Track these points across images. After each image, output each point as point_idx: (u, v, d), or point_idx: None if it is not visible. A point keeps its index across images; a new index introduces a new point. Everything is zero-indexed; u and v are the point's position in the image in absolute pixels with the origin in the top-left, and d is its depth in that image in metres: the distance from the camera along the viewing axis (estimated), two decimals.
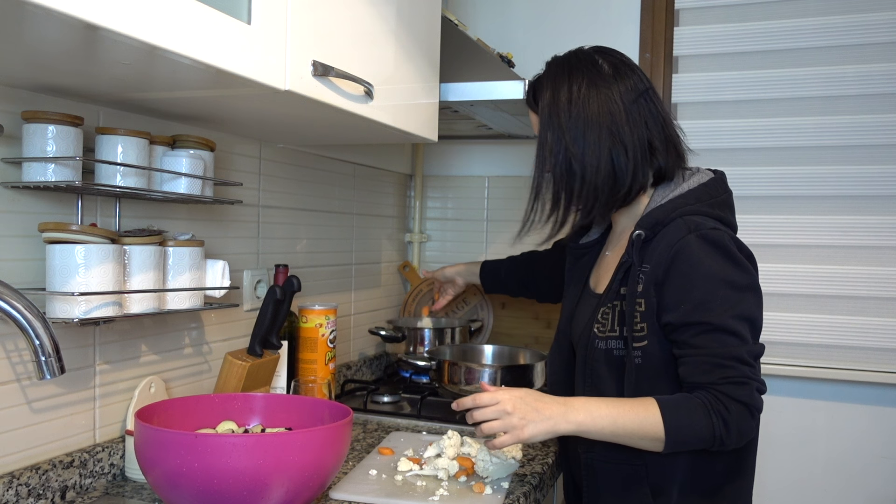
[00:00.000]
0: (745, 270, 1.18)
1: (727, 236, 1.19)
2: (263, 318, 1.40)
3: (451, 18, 1.78)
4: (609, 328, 1.24)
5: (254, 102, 1.18)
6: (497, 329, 2.30)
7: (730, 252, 1.17)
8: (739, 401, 1.12)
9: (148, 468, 1.00)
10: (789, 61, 2.05)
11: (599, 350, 1.25)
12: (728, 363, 1.13)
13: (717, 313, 1.14)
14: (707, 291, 1.15)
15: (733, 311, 1.14)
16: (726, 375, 1.13)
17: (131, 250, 1.17)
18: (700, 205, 1.23)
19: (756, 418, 1.15)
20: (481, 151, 2.40)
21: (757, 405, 1.14)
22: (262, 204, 1.67)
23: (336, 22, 1.18)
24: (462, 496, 1.18)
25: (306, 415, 1.20)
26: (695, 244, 1.17)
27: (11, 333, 1.06)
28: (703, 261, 1.16)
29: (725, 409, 1.12)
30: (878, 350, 1.98)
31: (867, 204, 2.00)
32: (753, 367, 1.15)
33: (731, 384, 1.13)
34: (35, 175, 1.07)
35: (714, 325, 1.14)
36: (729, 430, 1.12)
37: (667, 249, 1.18)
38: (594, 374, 1.26)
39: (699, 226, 1.19)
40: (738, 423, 1.12)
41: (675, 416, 1.13)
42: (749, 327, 1.16)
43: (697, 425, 1.12)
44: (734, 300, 1.15)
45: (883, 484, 1.99)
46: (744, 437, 1.15)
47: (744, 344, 1.14)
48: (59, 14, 0.71)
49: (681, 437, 1.13)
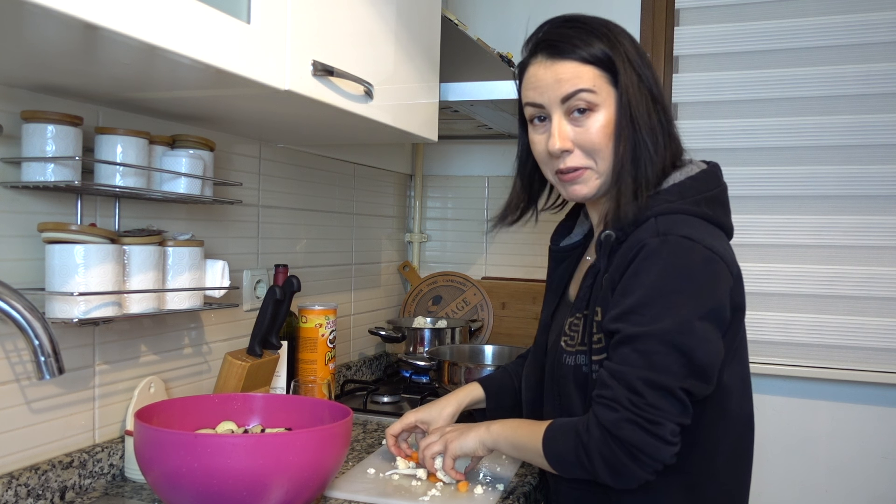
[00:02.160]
0: (705, 294, 0.99)
1: (700, 251, 1.00)
2: (263, 318, 1.39)
3: (451, 18, 1.78)
4: (578, 341, 1.09)
5: (254, 102, 1.18)
6: (497, 329, 2.30)
7: (690, 268, 0.99)
8: (602, 425, 0.97)
9: (147, 468, 1.00)
10: (789, 61, 2.05)
11: (567, 366, 1.10)
12: (610, 381, 0.98)
13: (635, 326, 0.97)
14: (639, 301, 0.98)
15: (658, 331, 0.96)
16: (600, 394, 0.99)
17: (131, 250, 1.17)
18: (683, 202, 1.05)
19: (637, 460, 0.96)
20: (481, 151, 2.40)
21: (627, 438, 0.95)
22: (262, 204, 1.67)
23: (336, 22, 1.18)
24: (458, 495, 1.18)
25: (306, 415, 1.20)
26: (654, 249, 1.00)
27: (11, 333, 1.06)
28: (651, 267, 0.99)
29: (586, 431, 0.99)
30: (878, 350, 1.98)
31: (867, 204, 2.00)
32: (642, 396, 0.96)
33: (599, 405, 0.98)
34: (34, 175, 1.06)
35: (624, 336, 0.98)
36: (590, 458, 0.98)
37: (627, 252, 1.03)
38: (562, 392, 1.11)
39: (669, 229, 1.01)
40: (601, 451, 0.97)
41: (553, 439, 1.03)
42: (678, 359, 0.96)
43: (565, 447, 1.01)
44: (665, 320, 0.96)
45: (884, 484, 1.99)
46: (618, 476, 0.98)
47: (647, 370, 0.96)
48: (58, 14, 0.71)
49: (557, 459, 1.03)
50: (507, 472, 1.29)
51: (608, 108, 1.08)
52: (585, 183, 1.11)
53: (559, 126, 1.09)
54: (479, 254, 2.40)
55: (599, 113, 1.08)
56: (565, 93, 1.07)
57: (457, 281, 2.34)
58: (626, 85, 1.07)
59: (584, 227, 1.29)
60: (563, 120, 1.09)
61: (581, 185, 1.11)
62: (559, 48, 1.09)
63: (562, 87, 1.08)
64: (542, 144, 1.13)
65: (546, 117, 1.12)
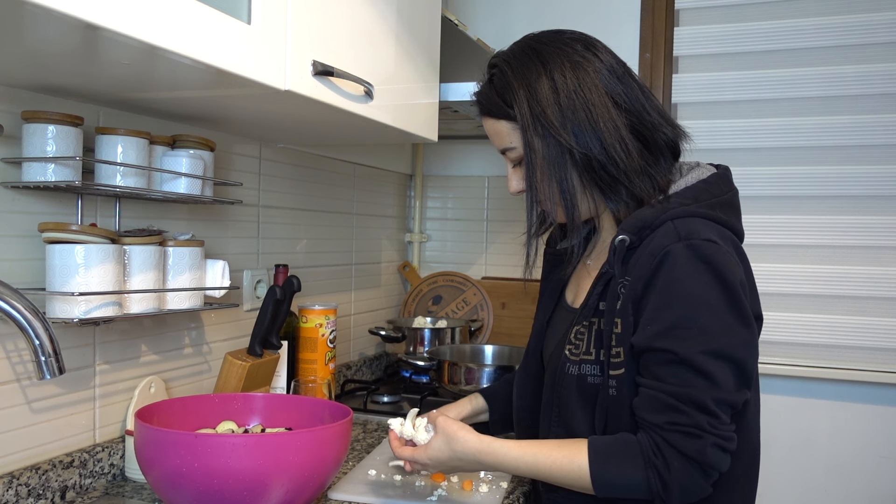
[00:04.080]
0: (737, 299, 0.97)
1: (725, 253, 0.99)
2: (263, 318, 1.40)
3: (451, 18, 1.78)
4: (584, 350, 1.06)
5: (254, 102, 1.18)
6: (497, 329, 2.30)
7: (723, 272, 0.97)
8: (686, 455, 0.94)
9: (148, 468, 1.00)
10: (789, 61, 2.05)
11: (570, 376, 1.06)
12: (682, 407, 0.95)
13: (687, 343, 0.95)
14: (681, 315, 0.96)
15: (709, 345, 0.95)
16: (675, 421, 0.95)
17: (131, 250, 1.17)
18: (698, 205, 1.03)
19: (709, 477, 0.96)
20: (481, 151, 2.40)
21: (710, 461, 0.94)
22: (262, 204, 1.67)
23: (336, 22, 1.18)
24: (460, 496, 1.18)
25: (306, 415, 1.20)
26: (681, 256, 0.97)
27: (11, 333, 1.06)
28: (685, 277, 0.97)
29: (664, 464, 0.95)
30: (878, 350, 1.98)
31: (867, 204, 2.00)
32: (718, 418, 0.95)
33: (678, 433, 0.95)
34: (35, 175, 1.07)
35: (679, 356, 0.96)
36: (668, 489, 0.95)
37: (649, 259, 0.99)
38: (562, 403, 1.08)
39: (692, 233, 0.99)
40: (681, 481, 0.95)
41: (604, 465, 0.97)
42: (731, 370, 0.96)
43: (629, 479, 0.96)
44: (714, 332, 0.95)
45: (884, 484, 1.99)
46: (689, 496, 0.97)
47: (710, 388, 0.95)
48: (59, 14, 0.71)
49: (611, 489, 0.98)
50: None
51: None
52: (551, 212, 1.15)
53: (509, 174, 1.17)
54: (479, 254, 2.41)
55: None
56: (499, 148, 1.16)
57: (457, 281, 2.34)
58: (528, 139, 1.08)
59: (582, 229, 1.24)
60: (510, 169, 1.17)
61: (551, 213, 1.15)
62: (480, 106, 1.15)
63: (495, 143, 1.16)
64: None
65: None
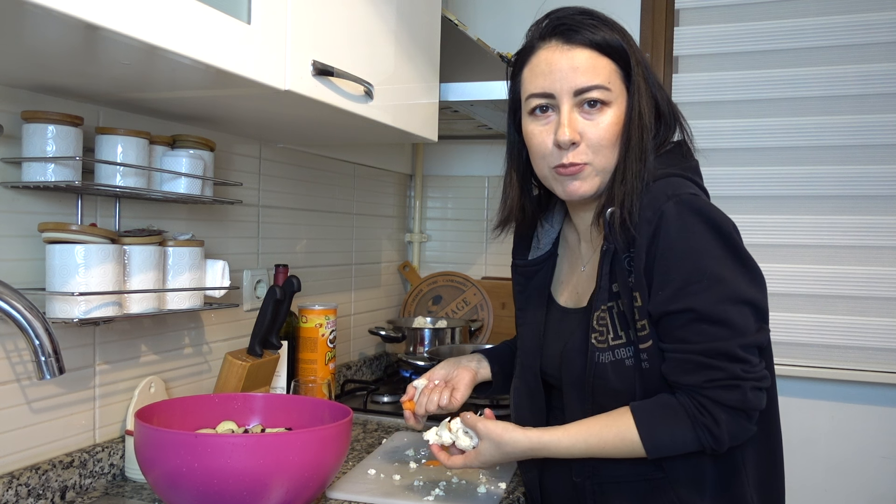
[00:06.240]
0: (735, 243, 1.01)
1: (711, 204, 1.03)
2: (263, 318, 1.40)
3: (451, 18, 1.78)
4: (613, 335, 1.05)
5: (254, 102, 1.18)
6: (497, 329, 2.30)
7: (714, 221, 1.00)
8: (730, 406, 0.99)
9: (148, 468, 1.00)
10: (789, 61, 2.05)
11: (603, 365, 1.05)
12: (715, 363, 0.98)
13: (702, 297, 0.97)
14: (688, 271, 0.98)
15: (723, 292, 0.98)
16: (713, 378, 0.98)
17: (131, 250, 1.17)
18: (674, 168, 1.06)
19: (753, 419, 1.01)
20: (481, 151, 2.40)
21: (752, 405, 0.99)
22: (262, 204, 1.67)
23: (336, 22, 1.18)
24: (459, 495, 1.18)
25: (306, 415, 1.20)
26: (673, 214, 0.99)
27: (11, 333, 1.06)
28: (682, 234, 0.99)
29: (712, 420, 0.99)
30: (878, 350, 1.98)
31: (867, 204, 2.00)
32: (748, 362, 0.98)
33: (718, 388, 0.98)
34: (35, 175, 1.07)
35: (698, 312, 0.98)
36: (718, 440, 0.99)
37: (647, 225, 1.00)
38: (596, 392, 1.06)
39: (678, 189, 1.01)
40: (729, 429, 0.99)
41: (654, 434, 1.00)
42: (750, 311, 0.99)
43: (681, 439, 1.00)
44: (724, 279, 0.98)
45: (884, 484, 1.99)
46: (738, 439, 1.02)
47: (735, 336, 0.98)
48: (59, 14, 0.71)
49: (663, 449, 1.01)
50: (507, 471, 1.30)
51: (619, 106, 1.06)
52: (584, 180, 1.07)
53: (569, 117, 1.05)
54: (479, 254, 2.41)
55: (611, 109, 1.06)
56: (580, 85, 1.04)
57: (457, 281, 2.34)
58: (638, 84, 1.06)
59: (550, 234, 1.24)
60: (574, 111, 1.05)
61: (580, 181, 1.07)
62: (577, 33, 1.05)
63: (577, 78, 1.04)
64: (542, 136, 1.08)
65: (549, 107, 1.07)
